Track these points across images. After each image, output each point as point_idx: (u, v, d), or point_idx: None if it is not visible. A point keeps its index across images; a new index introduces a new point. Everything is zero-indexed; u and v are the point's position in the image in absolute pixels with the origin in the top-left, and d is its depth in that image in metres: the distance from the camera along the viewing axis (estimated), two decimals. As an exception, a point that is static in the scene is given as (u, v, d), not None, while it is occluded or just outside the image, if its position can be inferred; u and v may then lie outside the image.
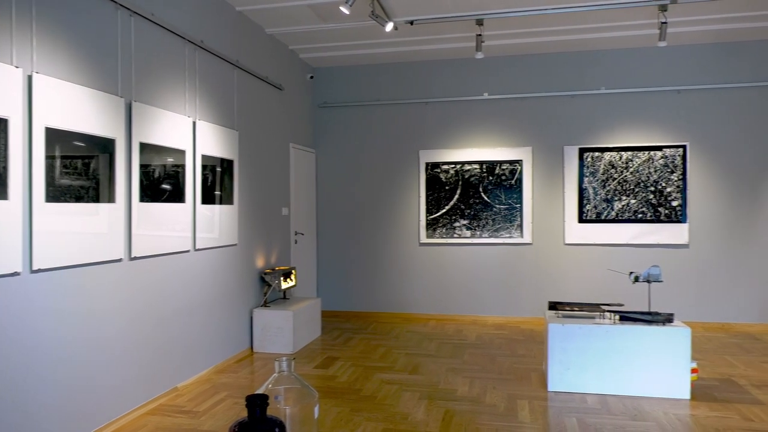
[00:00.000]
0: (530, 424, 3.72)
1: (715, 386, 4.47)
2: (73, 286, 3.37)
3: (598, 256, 6.78)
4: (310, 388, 1.39)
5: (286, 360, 1.39)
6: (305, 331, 5.90)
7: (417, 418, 3.85)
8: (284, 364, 1.39)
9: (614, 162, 6.72)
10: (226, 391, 4.44)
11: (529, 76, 6.96)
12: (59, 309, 3.27)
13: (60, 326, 3.28)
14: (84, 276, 3.46)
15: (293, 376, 1.38)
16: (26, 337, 3.05)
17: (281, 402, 1.33)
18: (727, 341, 5.94)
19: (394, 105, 7.32)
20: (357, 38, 6.39)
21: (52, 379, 3.21)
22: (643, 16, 5.66)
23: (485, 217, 7.02)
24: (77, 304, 3.41)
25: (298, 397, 1.36)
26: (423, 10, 5.52)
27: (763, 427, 3.64)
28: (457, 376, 4.80)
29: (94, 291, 3.54)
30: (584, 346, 4.31)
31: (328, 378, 4.76)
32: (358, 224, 7.43)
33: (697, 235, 6.59)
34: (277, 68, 6.37)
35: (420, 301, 7.26)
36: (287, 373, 1.38)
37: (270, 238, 6.14)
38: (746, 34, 6.23)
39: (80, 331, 3.43)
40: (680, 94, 6.61)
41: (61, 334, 3.29)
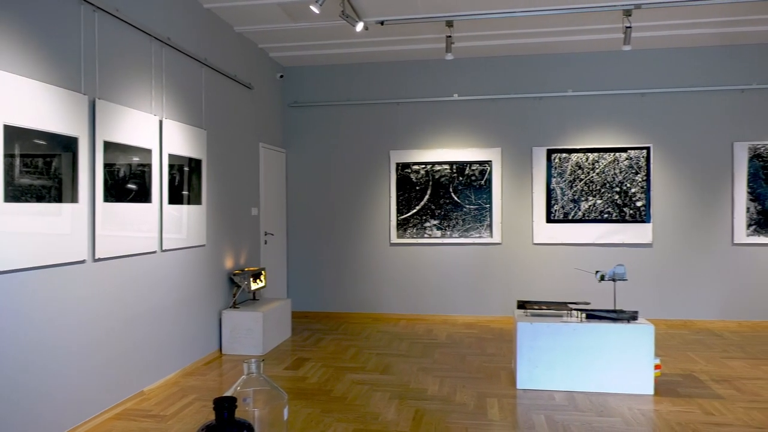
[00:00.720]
0: (499, 422, 3.76)
1: (677, 382, 4.59)
2: (33, 289, 3.27)
3: (565, 255, 6.90)
4: (279, 389, 1.38)
5: (255, 362, 1.37)
6: (275, 333, 5.85)
7: (388, 417, 3.85)
8: (253, 365, 1.37)
9: (581, 163, 6.84)
10: (194, 394, 4.37)
11: (499, 77, 7.04)
12: (18, 312, 3.17)
13: (19, 330, 3.18)
14: (45, 278, 3.36)
15: (262, 377, 1.37)
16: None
17: (250, 404, 1.32)
18: (689, 338, 6.11)
19: (365, 105, 7.32)
20: (328, 38, 6.36)
21: (10, 385, 3.11)
22: (609, 21, 5.78)
23: (455, 217, 7.08)
24: (38, 308, 3.31)
25: (267, 399, 1.34)
26: (393, 11, 5.53)
27: (723, 421, 3.75)
28: (428, 375, 4.83)
29: (56, 293, 3.44)
30: (552, 345, 4.38)
31: (299, 379, 4.73)
32: (329, 224, 7.40)
33: (660, 234, 6.76)
34: (246, 67, 6.31)
35: (391, 301, 7.28)
36: (256, 374, 1.37)
37: (239, 239, 6.07)
38: (707, 39, 6.42)
39: (40, 335, 3.33)
40: (644, 97, 6.77)
41: (21, 338, 3.18)
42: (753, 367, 5.01)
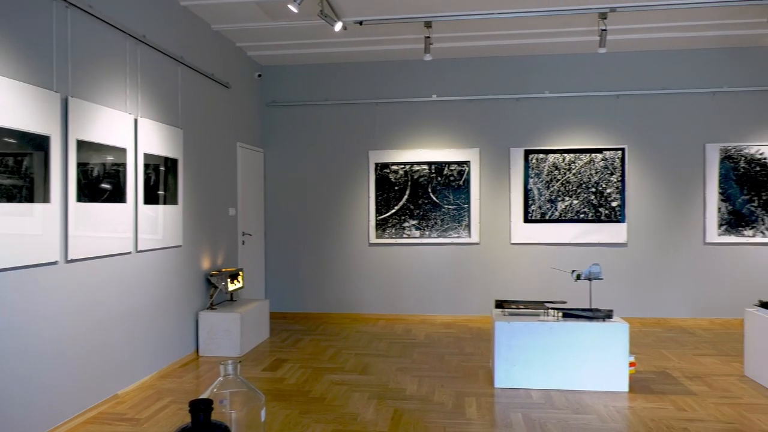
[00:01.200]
0: (477, 421, 3.79)
1: (651, 379, 4.67)
2: (3, 291, 3.19)
3: (542, 255, 6.97)
4: (256, 391, 1.37)
5: (232, 363, 1.36)
6: (253, 334, 5.80)
7: (366, 418, 3.85)
8: (230, 367, 1.36)
9: (558, 164, 6.92)
10: (170, 397, 4.31)
11: (477, 78, 7.09)
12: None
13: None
14: (16, 280, 3.28)
15: (239, 379, 1.36)
16: (-49, 345, 2.87)
17: (226, 406, 1.31)
18: (662, 335, 6.22)
19: (344, 105, 7.31)
20: (306, 37, 6.34)
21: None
22: (585, 24, 5.86)
23: (434, 217, 7.10)
24: (8, 310, 3.23)
25: (244, 401, 1.33)
26: (372, 11, 5.53)
27: (696, 416, 3.83)
28: (407, 375, 4.84)
29: (27, 295, 3.37)
30: (529, 343, 4.42)
31: (277, 380, 4.70)
32: (308, 225, 7.37)
33: (635, 234, 6.88)
34: (223, 66, 6.25)
35: (369, 301, 7.27)
36: (233, 376, 1.36)
37: (216, 239, 6.01)
38: (680, 43, 6.55)
39: (11, 338, 3.25)
40: (619, 99, 6.88)
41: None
42: (724, 363, 5.12)
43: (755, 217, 6.68)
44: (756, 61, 6.69)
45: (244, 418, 1.31)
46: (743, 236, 6.70)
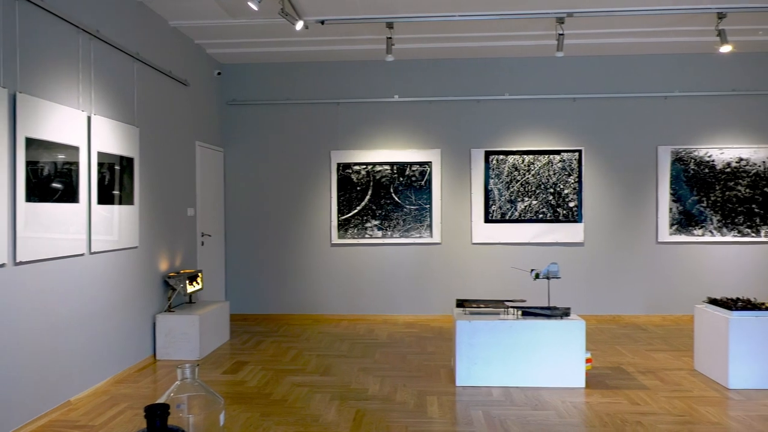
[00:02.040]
0: (439, 419, 3.81)
1: (606, 374, 4.80)
2: (-54, 295, 3.04)
3: (502, 254, 7.08)
4: (215, 394, 1.34)
5: (189, 366, 1.33)
6: (213, 336, 5.70)
7: (328, 419, 3.83)
8: (187, 370, 1.33)
9: (517, 165, 7.05)
10: (126, 402, 4.19)
11: (438, 80, 7.14)
12: (-71, 320, 2.94)
13: (-70, 339, 2.95)
14: (-40, 283, 3.13)
15: (197, 383, 1.33)
16: None
17: (184, 410, 1.28)
18: (617, 332, 6.41)
19: (306, 104, 7.26)
20: (267, 35, 6.26)
21: None
22: (543, 28, 5.98)
23: (396, 217, 7.13)
24: (-49, 315, 3.08)
25: (202, 405, 1.31)
26: (334, 11, 5.51)
27: (648, 410, 3.95)
28: (369, 375, 4.83)
29: (-29, 299, 3.22)
30: (489, 342, 4.48)
31: (237, 383, 4.63)
32: (269, 225, 7.29)
33: (591, 233, 7.06)
34: (181, 63, 6.11)
35: (332, 302, 7.24)
36: (191, 380, 1.33)
37: (174, 240, 5.87)
38: (634, 48, 6.76)
39: (-45, 345, 3.10)
40: (576, 102, 7.05)
41: (-68, 348, 2.96)
42: (675, 358, 5.31)
43: (704, 217, 6.95)
44: (705, 68, 6.96)
45: (203, 422, 1.28)
46: (693, 235, 6.96)
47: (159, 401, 1.22)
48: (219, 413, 1.32)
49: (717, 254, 6.98)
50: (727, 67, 6.95)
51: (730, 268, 6.97)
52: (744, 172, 6.92)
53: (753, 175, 6.91)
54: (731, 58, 6.87)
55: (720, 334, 4.49)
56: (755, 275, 6.94)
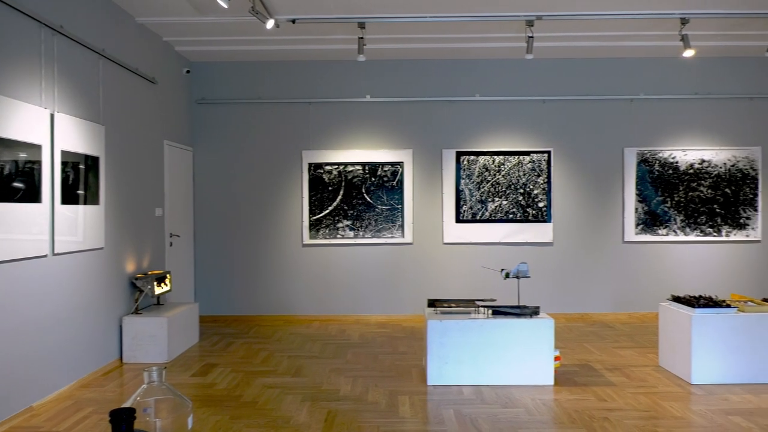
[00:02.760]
0: (410, 419, 3.83)
1: (575, 372, 4.89)
2: None
3: (473, 254, 7.14)
4: (183, 397, 1.32)
5: (156, 369, 1.31)
6: (181, 338, 5.61)
7: (299, 420, 3.81)
8: (154, 374, 1.31)
9: (488, 165, 7.12)
10: (91, 407, 4.09)
11: (410, 80, 7.17)
12: None
13: None
14: None
15: (164, 386, 1.31)
16: None
17: (151, 414, 1.26)
18: (585, 330, 6.53)
19: (277, 104, 7.20)
20: (237, 34, 6.19)
21: None
22: (513, 30, 6.05)
23: (368, 217, 7.12)
24: None
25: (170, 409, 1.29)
26: (305, 10, 5.48)
27: (615, 406, 4.04)
28: (340, 376, 4.82)
29: (-73, 303, 3.10)
30: (460, 341, 4.51)
31: (206, 386, 4.56)
32: (239, 225, 7.21)
33: (560, 233, 7.17)
34: (149, 60, 6.00)
35: (303, 302, 7.20)
36: (158, 383, 1.31)
37: (142, 241, 5.76)
38: (601, 52, 6.89)
39: None
40: (545, 103, 7.16)
41: None
42: (641, 355, 5.43)
43: (668, 217, 7.13)
44: (669, 71, 7.14)
45: (171, 426, 1.26)
46: (658, 235, 7.14)
47: (125, 405, 1.20)
48: (187, 416, 1.30)
49: (680, 253, 7.17)
50: (689, 71, 7.14)
51: (693, 267, 7.16)
52: (706, 174, 7.12)
53: (714, 176, 7.12)
54: (694, 63, 7.06)
55: (683, 331, 4.62)
56: (717, 273, 7.15)
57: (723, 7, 5.49)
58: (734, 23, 5.91)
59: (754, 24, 5.86)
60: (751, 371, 4.51)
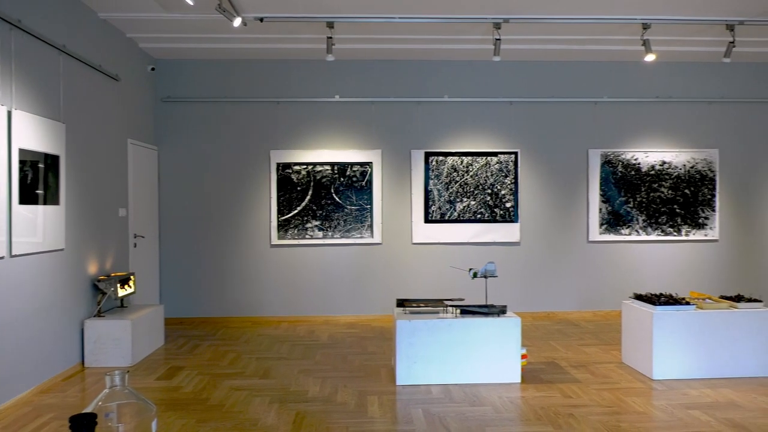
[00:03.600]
0: (379, 419, 3.83)
1: (541, 369, 4.97)
2: None
3: (442, 254, 7.19)
4: (147, 401, 1.29)
5: (119, 373, 1.28)
6: (146, 341, 5.50)
7: (267, 423, 3.77)
8: (116, 378, 1.28)
9: (456, 166, 7.18)
10: (51, 413, 3.98)
11: (379, 80, 7.18)
12: None
13: None
14: None
15: (127, 390, 1.28)
16: None
17: (113, 419, 1.23)
18: (551, 328, 6.64)
19: (245, 103, 7.12)
20: (204, 31, 6.10)
21: None
22: (481, 32, 6.11)
23: (337, 217, 7.10)
24: None
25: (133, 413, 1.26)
26: (273, 8, 5.44)
27: (580, 403, 4.12)
28: (309, 377, 4.80)
29: None
30: (429, 340, 4.54)
31: (172, 389, 4.48)
32: (206, 226, 7.10)
33: (527, 233, 7.28)
34: (112, 57, 5.86)
35: (271, 303, 7.14)
36: (120, 387, 1.28)
37: (104, 242, 5.62)
38: (566, 55, 7.02)
39: None
40: (512, 105, 7.26)
41: None
42: (605, 352, 5.56)
43: (631, 217, 7.31)
44: (631, 75, 7.32)
45: (134, 431, 1.23)
46: (621, 234, 7.31)
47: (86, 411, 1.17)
48: (151, 421, 1.27)
49: (643, 252, 7.36)
50: (651, 75, 7.34)
51: (654, 266, 7.36)
52: (667, 175, 7.32)
53: (675, 177, 7.33)
54: (655, 67, 7.26)
55: (645, 329, 4.74)
56: (677, 272, 7.37)
57: (683, 14, 5.66)
58: (693, 29, 6.09)
59: (711, 30, 6.06)
60: (709, 366, 4.66)
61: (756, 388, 4.41)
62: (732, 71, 7.37)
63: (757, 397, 4.19)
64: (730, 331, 4.67)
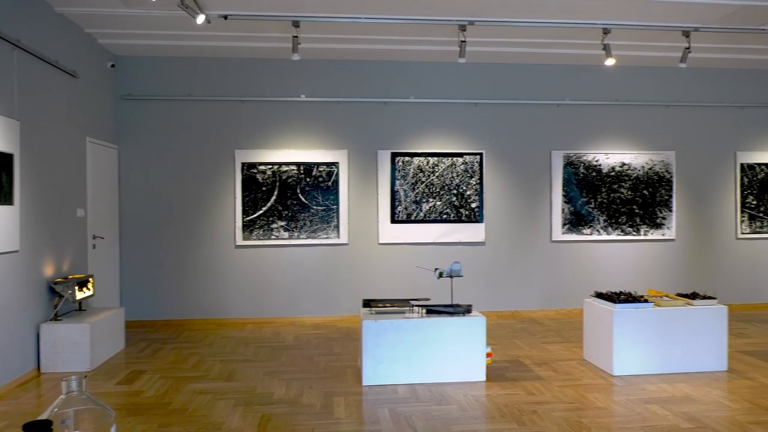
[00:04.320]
0: (345, 420, 3.82)
1: (506, 367, 5.04)
2: None
3: (408, 254, 7.22)
4: (105, 407, 1.26)
5: (75, 379, 1.24)
6: (106, 345, 5.35)
7: (231, 426, 3.72)
8: (73, 383, 1.24)
9: (422, 166, 7.22)
10: (4, 421, 3.84)
11: (346, 80, 7.16)
12: None
13: None
14: None
15: (84, 395, 1.25)
16: None
17: (70, 426, 1.20)
18: (515, 326, 6.74)
19: (209, 101, 7.00)
20: (167, 28, 5.97)
21: None
22: (446, 34, 6.16)
23: (303, 218, 7.06)
24: None
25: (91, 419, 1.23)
26: (238, 6, 5.37)
27: (543, 399, 4.19)
28: (274, 379, 4.75)
29: None
30: (395, 340, 4.55)
31: (133, 394, 4.38)
32: (168, 226, 6.96)
33: (492, 233, 7.38)
34: (70, 53, 5.69)
35: (236, 305, 7.04)
36: (77, 393, 1.24)
37: (62, 243, 5.46)
38: (530, 58, 7.14)
39: None
40: (477, 107, 7.34)
41: None
42: (567, 349, 5.67)
43: (592, 217, 7.48)
44: (592, 79, 7.49)
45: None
46: (582, 234, 7.48)
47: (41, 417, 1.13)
48: (110, 426, 1.24)
49: (603, 251, 7.54)
50: (611, 79, 7.52)
51: (614, 264, 7.55)
52: (626, 176, 7.52)
53: (634, 178, 7.53)
54: (615, 71, 7.44)
55: (605, 326, 4.86)
56: (636, 270, 7.57)
57: (641, 20, 5.83)
58: (651, 35, 6.27)
59: (668, 36, 6.25)
60: (666, 362, 4.80)
61: (710, 382, 4.57)
62: (688, 76, 7.62)
63: (711, 391, 4.35)
64: (686, 328, 4.83)
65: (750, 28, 6.03)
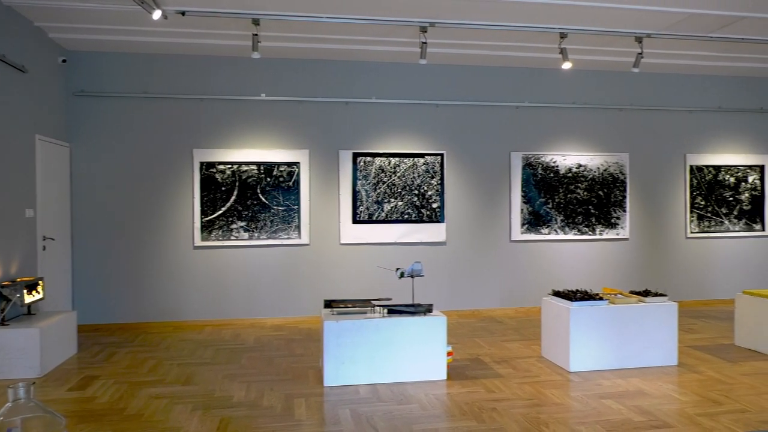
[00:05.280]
0: (306, 421, 3.80)
1: (466, 366, 5.10)
2: None
3: (370, 254, 7.22)
4: (55, 414, 1.22)
5: (23, 385, 1.19)
6: (57, 350, 5.17)
7: (190, 430, 3.65)
8: (20, 390, 1.20)
9: (384, 167, 7.23)
10: (-53, 431, 3.66)
11: (307, 80, 7.11)
12: None
13: None
14: None
15: (33, 402, 1.20)
16: None
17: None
18: (476, 325, 6.83)
19: (166, 99, 6.84)
20: (121, 23, 5.81)
21: None
22: (408, 35, 6.20)
23: (263, 218, 6.98)
24: None
25: (40, 427, 1.19)
26: (196, 2, 5.27)
27: (502, 397, 4.26)
28: (234, 381, 4.68)
29: None
30: (357, 341, 4.55)
31: (86, 400, 4.24)
32: (123, 227, 6.77)
33: (453, 233, 7.45)
34: (18, 47, 5.47)
35: (195, 307, 6.90)
36: (25, 400, 1.20)
37: (9, 245, 5.24)
38: (490, 60, 7.25)
39: None
40: (438, 108, 7.40)
41: None
42: (526, 347, 5.78)
43: (550, 217, 7.64)
44: (550, 83, 7.66)
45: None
46: (541, 234, 7.63)
47: (-16, 427, 1.09)
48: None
49: (561, 251, 7.72)
50: (568, 83, 7.71)
51: (571, 263, 7.73)
52: (582, 177, 7.72)
53: (590, 179, 7.74)
54: (571, 75, 7.63)
55: (562, 323, 4.97)
56: (592, 269, 7.78)
57: (596, 25, 5.99)
58: (606, 40, 6.46)
59: (622, 42, 6.45)
60: (620, 358, 4.95)
61: (661, 376, 4.74)
62: (641, 80, 7.88)
63: (663, 385, 4.50)
64: (639, 324, 4.98)
65: (698, 35, 6.28)
